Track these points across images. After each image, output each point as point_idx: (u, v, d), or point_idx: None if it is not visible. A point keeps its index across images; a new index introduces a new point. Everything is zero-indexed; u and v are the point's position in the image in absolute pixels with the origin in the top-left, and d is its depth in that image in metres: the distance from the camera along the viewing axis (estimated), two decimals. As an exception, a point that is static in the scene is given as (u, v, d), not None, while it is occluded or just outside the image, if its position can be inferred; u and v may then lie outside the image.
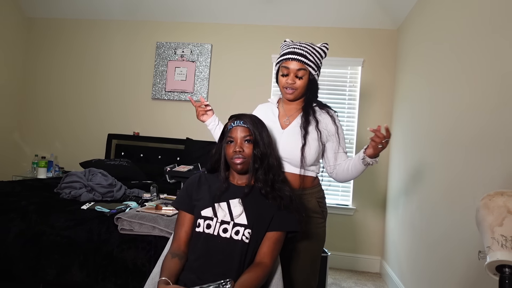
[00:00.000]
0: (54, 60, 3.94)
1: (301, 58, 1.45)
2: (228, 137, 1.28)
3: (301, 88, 1.49)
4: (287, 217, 1.24)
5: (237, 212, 1.22)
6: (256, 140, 1.26)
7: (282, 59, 1.49)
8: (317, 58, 1.50)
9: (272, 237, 1.22)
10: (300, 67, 1.45)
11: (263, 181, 1.25)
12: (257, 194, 1.27)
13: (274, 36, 3.60)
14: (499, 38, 1.51)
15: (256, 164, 1.26)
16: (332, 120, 1.52)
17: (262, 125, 1.32)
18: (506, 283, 0.86)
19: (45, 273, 1.68)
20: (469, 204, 1.66)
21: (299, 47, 1.47)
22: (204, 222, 1.21)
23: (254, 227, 1.20)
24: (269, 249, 1.20)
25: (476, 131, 1.65)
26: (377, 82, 3.46)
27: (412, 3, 2.87)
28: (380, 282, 3.10)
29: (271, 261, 1.19)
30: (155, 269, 1.32)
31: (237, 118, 1.30)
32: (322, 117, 1.52)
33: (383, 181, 3.40)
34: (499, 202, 0.91)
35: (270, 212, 1.23)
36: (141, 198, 2.23)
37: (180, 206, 1.29)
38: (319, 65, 1.52)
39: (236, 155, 1.24)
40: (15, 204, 1.94)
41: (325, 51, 1.54)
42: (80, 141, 3.85)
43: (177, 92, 3.71)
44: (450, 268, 1.84)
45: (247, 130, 1.26)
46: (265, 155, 1.26)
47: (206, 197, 1.26)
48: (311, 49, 1.48)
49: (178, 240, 1.24)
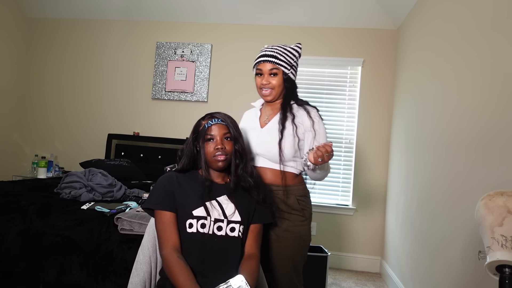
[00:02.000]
0: (54, 60, 3.94)
1: (273, 59, 1.54)
2: (207, 135, 1.27)
3: (277, 87, 1.57)
4: (264, 210, 1.32)
5: (231, 209, 1.25)
6: (235, 136, 1.29)
7: (256, 63, 1.60)
8: (289, 57, 1.57)
9: (255, 229, 1.29)
10: (272, 67, 1.55)
11: (244, 176, 1.29)
12: (239, 190, 1.30)
13: (274, 36, 3.60)
14: (500, 38, 1.51)
15: (237, 160, 1.29)
16: (308, 115, 1.55)
17: (235, 122, 1.35)
18: (506, 283, 0.86)
19: (45, 273, 1.68)
20: (469, 204, 1.66)
21: (270, 50, 1.57)
22: (197, 222, 1.20)
23: (245, 222, 1.26)
24: (255, 241, 1.28)
25: (477, 131, 1.65)
26: (377, 82, 3.46)
27: (412, 3, 2.87)
28: (380, 282, 3.10)
29: (259, 251, 1.28)
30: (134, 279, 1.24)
31: (213, 116, 1.31)
32: (299, 113, 1.57)
33: (383, 181, 3.40)
34: (499, 202, 0.91)
35: (252, 206, 1.30)
36: (141, 198, 2.23)
37: (162, 207, 1.21)
38: (292, 64, 1.58)
39: (218, 152, 1.24)
40: (15, 204, 1.94)
41: (297, 50, 1.62)
42: (80, 141, 3.85)
43: (177, 92, 3.71)
44: (450, 268, 1.84)
45: (226, 127, 1.28)
46: (244, 151, 1.31)
47: (194, 197, 1.24)
48: (282, 50, 1.57)
49: (172, 241, 1.17)
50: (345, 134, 3.51)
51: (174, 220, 1.21)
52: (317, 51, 3.54)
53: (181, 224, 1.21)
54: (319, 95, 3.55)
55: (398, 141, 3.12)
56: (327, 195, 3.52)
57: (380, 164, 3.42)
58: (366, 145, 3.45)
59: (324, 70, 3.56)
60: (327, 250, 2.61)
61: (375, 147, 3.44)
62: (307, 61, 3.55)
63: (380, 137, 3.43)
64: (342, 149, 3.51)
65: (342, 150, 3.51)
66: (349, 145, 3.49)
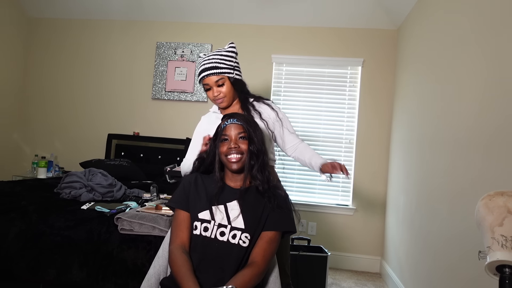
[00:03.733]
0: (54, 60, 3.93)
1: (215, 71, 1.61)
2: (222, 135, 1.27)
3: (228, 94, 1.65)
4: (282, 217, 1.24)
5: (234, 215, 1.21)
6: (251, 136, 1.27)
7: (200, 78, 1.66)
8: (227, 61, 1.64)
9: (266, 237, 1.20)
10: (217, 78, 1.62)
11: (260, 179, 1.26)
12: (252, 195, 1.26)
13: (274, 36, 3.60)
14: (500, 38, 1.51)
15: (252, 161, 1.26)
16: (270, 108, 1.72)
17: (255, 123, 1.33)
18: (506, 283, 0.86)
19: (45, 273, 1.68)
20: (469, 204, 1.66)
21: (209, 62, 1.62)
22: (201, 225, 1.21)
23: (251, 230, 1.19)
24: (261, 249, 1.18)
25: (477, 131, 1.65)
26: (377, 82, 3.46)
27: (412, 3, 2.87)
28: (380, 282, 3.10)
29: (263, 260, 1.16)
30: (150, 271, 1.31)
31: (230, 117, 1.30)
32: (263, 108, 1.70)
33: (383, 181, 3.40)
34: (499, 202, 0.91)
35: (265, 212, 1.23)
36: (141, 198, 2.23)
37: (179, 205, 1.27)
38: (233, 66, 1.65)
39: (232, 151, 1.24)
40: (15, 204, 1.94)
41: (233, 51, 1.68)
42: (80, 141, 3.85)
43: (177, 92, 3.71)
44: (450, 268, 1.84)
45: (241, 127, 1.27)
46: (260, 152, 1.27)
47: (203, 199, 1.25)
48: (219, 57, 1.63)
49: (181, 238, 1.21)
50: (345, 134, 3.51)
51: (186, 220, 1.24)
52: (317, 51, 3.54)
53: (191, 224, 1.24)
54: (319, 95, 3.55)
55: (398, 141, 3.12)
56: (327, 195, 3.52)
57: (380, 164, 3.42)
58: (366, 145, 3.45)
59: (324, 70, 3.56)
60: (327, 250, 2.61)
61: (375, 147, 3.44)
62: (307, 61, 3.55)
63: (380, 137, 3.43)
64: (342, 149, 3.51)
65: (342, 150, 3.51)
66: (349, 145, 3.49)
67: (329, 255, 2.54)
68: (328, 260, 2.51)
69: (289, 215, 1.26)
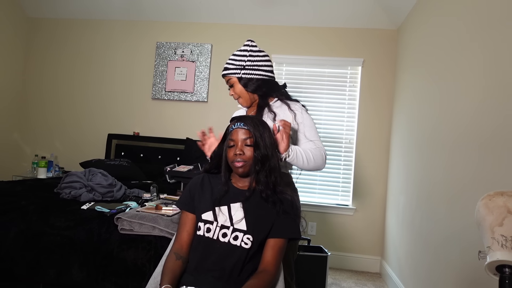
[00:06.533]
0: (54, 60, 3.93)
1: (223, 72, 1.64)
2: (229, 140, 1.27)
3: (241, 94, 1.62)
4: (288, 223, 1.22)
5: (238, 217, 1.20)
6: (257, 142, 1.24)
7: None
8: (237, 61, 1.60)
9: (275, 245, 1.19)
10: (227, 79, 1.63)
11: (264, 184, 1.23)
12: (258, 198, 1.25)
13: (274, 36, 3.60)
14: (500, 37, 1.51)
15: (257, 167, 1.24)
16: (288, 108, 1.55)
17: (264, 126, 1.30)
18: (506, 283, 0.86)
19: (45, 273, 1.68)
20: (469, 204, 1.66)
21: (226, 62, 1.64)
22: (204, 225, 1.21)
23: (254, 232, 1.18)
24: (273, 258, 1.18)
25: (477, 131, 1.65)
26: (377, 82, 3.46)
27: (412, 3, 2.87)
28: (380, 282, 3.10)
29: (275, 269, 1.18)
30: (157, 269, 1.32)
31: (238, 120, 1.29)
32: (282, 109, 1.57)
33: (383, 181, 3.40)
34: (499, 202, 0.91)
35: (271, 217, 1.21)
36: (141, 198, 2.23)
37: (183, 207, 1.29)
38: (243, 65, 1.59)
39: (237, 158, 1.23)
40: (15, 204, 1.94)
41: (245, 49, 1.63)
42: (80, 141, 3.85)
43: (177, 92, 3.71)
44: (450, 268, 1.84)
45: (248, 132, 1.25)
46: (266, 157, 1.24)
47: (208, 200, 1.25)
48: (232, 57, 1.62)
49: (180, 240, 1.24)
50: (345, 134, 3.51)
51: (189, 221, 1.26)
52: (317, 51, 3.54)
53: (195, 225, 1.26)
54: (319, 95, 3.55)
55: (398, 141, 3.12)
56: (327, 195, 3.52)
57: (380, 164, 3.42)
58: (366, 145, 3.45)
59: (324, 70, 3.56)
60: (327, 250, 2.61)
61: (375, 147, 3.44)
62: (307, 61, 3.55)
63: (380, 137, 3.43)
64: (342, 149, 3.51)
65: (342, 150, 3.51)
66: (349, 145, 3.50)
67: (329, 255, 2.54)
68: (328, 260, 2.51)
69: (294, 221, 1.24)
